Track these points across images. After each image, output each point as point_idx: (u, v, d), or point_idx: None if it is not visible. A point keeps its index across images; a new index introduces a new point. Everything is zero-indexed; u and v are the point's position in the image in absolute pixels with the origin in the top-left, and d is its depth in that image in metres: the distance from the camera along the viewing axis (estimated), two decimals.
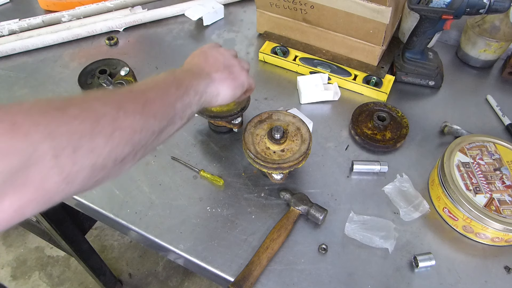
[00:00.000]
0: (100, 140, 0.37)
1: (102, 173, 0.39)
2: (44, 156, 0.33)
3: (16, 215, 0.33)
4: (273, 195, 0.74)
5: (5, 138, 0.32)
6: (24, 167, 0.32)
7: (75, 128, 0.36)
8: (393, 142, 0.81)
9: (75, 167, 0.35)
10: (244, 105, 0.77)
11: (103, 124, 0.38)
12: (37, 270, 1.74)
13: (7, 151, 0.31)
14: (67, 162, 0.35)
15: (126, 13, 1.08)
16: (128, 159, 0.42)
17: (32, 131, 0.33)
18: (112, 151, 0.39)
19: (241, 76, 0.61)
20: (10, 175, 0.31)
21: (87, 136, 0.36)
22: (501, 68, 0.98)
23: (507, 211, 0.65)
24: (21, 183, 0.32)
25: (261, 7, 0.98)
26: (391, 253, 0.67)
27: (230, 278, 0.65)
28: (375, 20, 0.84)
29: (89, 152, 0.37)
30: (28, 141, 0.32)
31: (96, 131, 0.37)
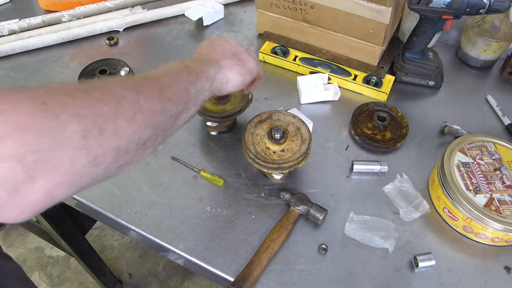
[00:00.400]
0: (122, 122, 0.38)
1: (125, 157, 0.39)
2: (72, 137, 0.33)
3: (46, 198, 0.33)
4: (273, 195, 0.74)
5: (38, 118, 0.31)
6: (54, 148, 0.32)
7: (99, 110, 0.36)
8: (393, 142, 0.81)
9: (101, 149, 0.36)
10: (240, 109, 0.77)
11: (125, 106, 0.39)
12: (37, 270, 1.74)
13: (40, 129, 0.31)
14: (94, 144, 0.35)
15: (126, 13, 1.08)
16: (149, 143, 0.42)
17: (60, 112, 0.33)
18: (134, 133, 0.39)
19: (249, 62, 0.62)
20: (41, 155, 0.31)
21: (111, 118, 0.37)
22: (501, 68, 0.98)
23: (507, 211, 0.65)
24: (51, 164, 0.32)
25: (261, 7, 0.98)
26: (391, 253, 0.67)
27: (230, 278, 0.65)
28: (375, 20, 0.84)
29: (113, 135, 0.37)
30: (57, 121, 0.32)
31: (119, 114, 0.38)
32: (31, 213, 0.34)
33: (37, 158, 0.31)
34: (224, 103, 0.77)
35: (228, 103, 0.78)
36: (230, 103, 0.78)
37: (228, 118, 0.77)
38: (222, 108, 0.77)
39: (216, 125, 0.78)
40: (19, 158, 0.30)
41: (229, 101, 0.78)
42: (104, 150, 0.36)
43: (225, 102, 0.77)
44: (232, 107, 0.77)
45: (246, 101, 0.78)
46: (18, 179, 0.31)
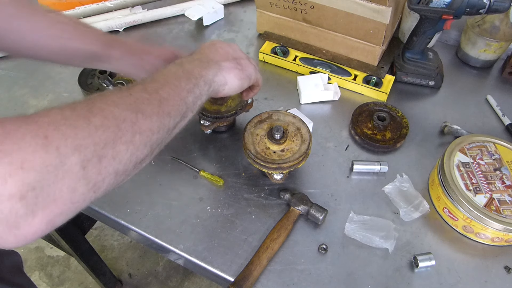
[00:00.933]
0: (121, 146, 0.39)
1: (123, 177, 0.40)
2: (72, 169, 0.34)
3: (47, 227, 0.34)
4: (273, 195, 0.74)
5: (40, 154, 0.32)
6: (54, 182, 0.33)
7: (99, 138, 0.37)
8: (393, 142, 0.81)
9: (100, 176, 0.37)
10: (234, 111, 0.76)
11: (124, 130, 0.39)
12: (37, 270, 1.74)
13: (41, 166, 0.32)
14: (93, 172, 0.36)
15: (126, 13, 1.08)
16: (146, 159, 0.44)
17: (62, 145, 0.34)
18: (132, 155, 0.40)
19: (248, 68, 0.62)
20: (42, 191, 0.32)
21: (110, 144, 0.38)
22: (501, 68, 0.98)
23: (507, 211, 0.65)
24: (51, 198, 0.33)
25: (261, 7, 0.98)
26: (391, 253, 0.67)
27: (230, 278, 0.65)
28: (375, 20, 0.84)
29: (112, 160, 0.38)
30: (59, 156, 0.33)
31: (118, 138, 0.39)
32: (31, 240, 0.35)
33: (38, 194, 0.32)
34: (220, 104, 0.77)
35: (225, 105, 0.77)
36: (226, 105, 0.77)
37: (221, 119, 0.76)
38: (217, 108, 0.77)
39: (208, 124, 0.78)
40: (21, 196, 0.31)
41: (226, 103, 0.78)
42: (103, 177, 0.37)
43: (222, 103, 0.77)
44: (226, 108, 0.77)
45: (243, 104, 0.77)
46: (19, 215, 0.32)
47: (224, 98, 0.77)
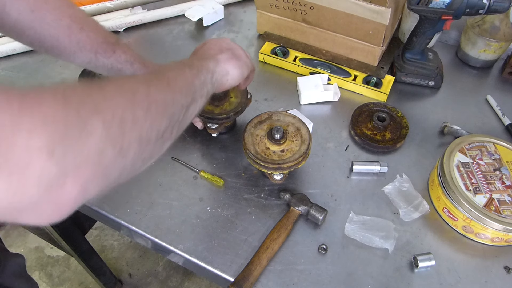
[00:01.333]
0: (140, 112, 0.39)
1: (148, 149, 0.40)
2: (95, 130, 0.33)
3: (80, 193, 0.33)
4: (273, 195, 0.74)
5: (61, 112, 0.31)
6: (80, 140, 0.32)
7: (116, 102, 0.37)
8: (393, 143, 0.81)
9: (125, 139, 0.36)
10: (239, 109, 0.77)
11: (139, 98, 0.40)
12: (37, 270, 1.74)
13: (64, 123, 0.31)
14: (117, 134, 0.36)
15: (126, 14, 1.08)
16: (167, 134, 0.44)
17: (80, 108, 0.33)
18: (152, 123, 0.40)
19: (243, 56, 0.65)
20: (69, 148, 0.31)
21: (128, 109, 0.38)
22: (501, 68, 0.98)
23: (506, 211, 0.65)
24: (81, 157, 0.32)
25: (261, 8, 0.98)
26: (391, 253, 0.67)
27: (230, 278, 0.65)
28: (375, 21, 0.84)
29: (133, 124, 0.38)
30: (79, 116, 0.33)
31: (135, 104, 0.39)
32: (66, 210, 0.33)
33: (66, 151, 0.31)
34: (223, 104, 0.77)
35: (227, 104, 0.78)
36: (229, 104, 0.78)
37: (228, 119, 0.77)
38: (222, 109, 0.77)
39: (216, 126, 0.78)
40: (48, 151, 0.30)
41: (228, 102, 0.78)
42: (128, 140, 0.37)
43: (224, 103, 0.77)
44: (231, 107, 0.77)
45: (245, 101, 0.78)
46: (52, 174, 0.30)
47: (226, 97, 0.77)
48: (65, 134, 0.31)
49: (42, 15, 0.60)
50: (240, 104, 0.77)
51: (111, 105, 0.36)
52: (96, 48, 0.65)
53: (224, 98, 0.77)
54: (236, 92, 0.79)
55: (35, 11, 0.59)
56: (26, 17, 0.59)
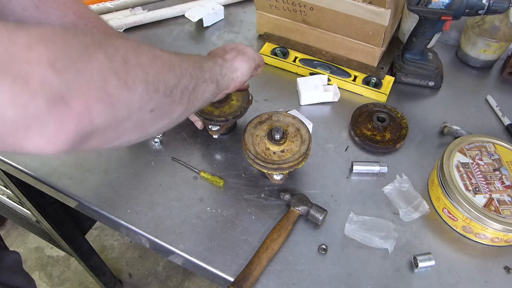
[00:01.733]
0: (144, 58, 0.39)
1: (156, 98, 0.40)
2: (97, 55, 0.33)
3: (84, 113, 0.32)
4: (273, 195, 0.74)
5: (60, 33, 0.32)
6: (81, 60, 0.32)
7: (119, 43, 0.37)
8: (393, 143, 0.81)
9: (129, 75, 0.36)
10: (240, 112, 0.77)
11: (143, 50, 0.40)
12: (37, 270, 1.74)
13: (64, 42, 0.31)
14: (120, 68, 0.35)
15: (127, 14, 1.08)
16: (176, 94, 0.43)
17: (80, 35, 0.33)
18: (158, 73, 0.40)
19: (248, 51, 0.67)
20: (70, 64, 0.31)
21: (132, 52, 0.38)
22: (501, 68, 0.98)
23: (506, 211, 0.65)
24: (83, 77, 0.32)
25: (261, 9, 0.98)
26: (391, 254, 0.67)
27: (230, 278, 0.65)
28: (375, 22, 0.84)
29: (138, 66, 0.38)
30: (80, 41, 0.33)
31: (140, 51, 0.39)
32: (70, 132, 0.32)
33: (67, 66, 0.31)
34: (223, 106, 0.77)
35: (227, 107, 0.77)
36: (229, 106, 0.78)
37: (226, 122, 0.76)
38: (221, 111, 0.77)
39: (217, 128, 0.78)
40: (50, 63, 0.29)
41: (229, 105, 0.78)
42: (132, 77, 0.36)
43: (225, 106, 0.77)
44: (233, 109, 0.77)
45: (247, 103, 0.78)
46: (54, 87, 0.30)
47: (228, 99, 0.77)
48: (65, 52, 0.31)
49: (47, 11, 0.60)
50: (240, 108, 0.77)
51: (114, 45, 0.36)
52: None
53: (225, 101, 0.77)
54: (238, 95, 0.79)
55: (40, 7, 0.59)
56: (31, 13, 0.59)
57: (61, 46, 0.31)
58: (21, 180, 0.85)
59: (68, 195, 0.76)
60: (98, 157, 0.80)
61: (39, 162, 0.79)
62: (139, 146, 0.81)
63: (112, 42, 0.36)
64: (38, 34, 0.30)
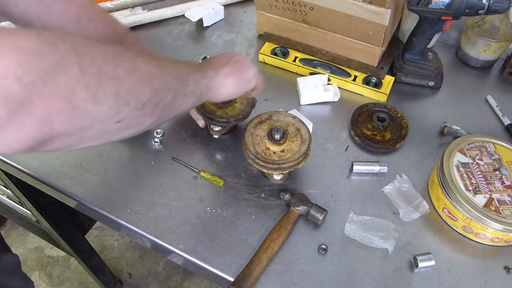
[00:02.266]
0: (121, 71, 0.39)
1: (125, 111, 0.40)
2: (71, 66, 0.34)
3: (45, 122, 0.34)
4: (273, 195, 0.74)
5: (34, 41, 0.32)
6: (51, 72, 0.33)
7: (98, 54, 0.37)
8: (393, 143, 0.81)
9: (100, 88, 0.36)
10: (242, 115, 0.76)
11: (123, 61, 0.40)
12: (37, 270, 1.74)
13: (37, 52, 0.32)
14: (92, 80, 0.36)
15: (127, 14, 1.08)
16: (148, 108, 0.43)
17: (58, 42, 0.34)
18: (133, 86, 0.40)
19: (248, 72, 0.63)
20: (39, 77, 0.32)
21: (109, 64, 0.38)
22: (501, 68, 0.98)
23: (506, 211, 0.65)
24: (49, 88, 0.33)
25: (261, 8, 0.98)
26: (391, 253, 0.67)
27: (230, 278, 0.65)
28: (375, 22, 0.84)
29: (113, 80, 0.38)
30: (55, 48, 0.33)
31: (118, 64, 0.39)
32: (29, 138, 0.34)
33: (35, 80, 0.32)
34: (226, 107, 0.77)
35: (230, 108, 0.77)
36: (232, 108, 0.77)
37: (227, 123, 0.76)
38: (224, 112, 0.77)
39: (219, 128, 0.78)
40: (16, 77, 0.31)
41: (232, 107, 0.78)
42: (103, 91, 0.37)
43: (228, 107, 0.77)
44: (236, 112, 0.77)
45: (250, 107, 0.78)
46: (17, 98, 0.31)
47: (230, 102, 0.77)
48: (36, 64, 0.32)
49: (50, 5, 0.60)
50: (243, 111, 0.77)
51: (91, 54, 0.36)
52: (103, 40, 0.64)
53: (229, 102, 0.77)
54: (243, 98, 0.79)
55: (43, 1, 0.59)
56: (34, 8, 0.59)
57: (32, 58, 0.32)
58: (21, 180, 0.85)
59: (68, 195, 0.76)
60: (98, 157, 0.80)
61: (39, 162, 0.79)
62: (139, 146, 0.82)
63: (91, 50, 0.36)
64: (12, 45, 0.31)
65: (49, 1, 0.60)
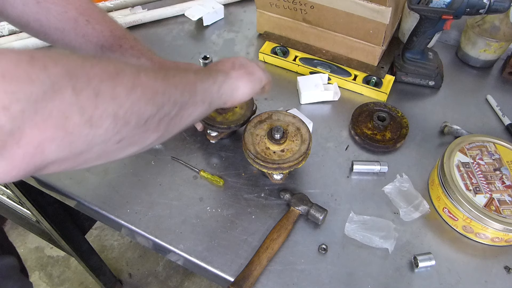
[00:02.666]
0: (121, 89, 0.37)
1: (125, 131, 0.38)
2: (63, 90, 0.32)
3: (36, 152, 0.32)
4: (273, 195, 0.74)
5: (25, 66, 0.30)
6: (43, 98, 0.31)
7: (94, 73, 0.35)
8: (393, 142, 0.81)
9: (97, 111, 0.34)
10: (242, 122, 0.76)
11: (123, 77, 0.38)
12: (37, 270, 1.74)
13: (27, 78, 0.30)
14: (88, 103, 0.33)
15: (126, 13, 1.08)
16: (152, 124, 0.41)
17: (50, 66, 0.32)
18: (134, 104, 0.38)
19: (258, 71, 0.63)
20: (29, 105, 0.30)
21: (108, 82, 0.36)
22: (501, 68, 0.98)
23: (507, 211, 0.65)
24: (41, 116, 0.31)
25: (261, 7, 0.98)
26: (391, 253, 0.67)
27: (230, 278, 0.65)
28: (375, 20, 0.84)
29: (111, 100, 0.36)
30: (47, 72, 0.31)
31: (117, 81, 0.37)
32: (21, 169, 0.32)
33: (24, 108, 0.30)
34: (226, 113, 0.77)
35: (231, 114, 0.77)
36: (232, 114, 0.77)
37: (228, 129, 0.76)
38: (224, 118, 0.76)
39: (215, 134, 0.78)
40: (3, 107, 0.29)
41: (232, 112, 0.77)
42: (100, 112, 0.35)
43: (228, 112, 0.77)
44: (236, 117, 0.76)
45: (251, 111, 0.77)
46: (5, 130, 0.29)
47: (231, 107, 0.77)
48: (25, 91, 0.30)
49: (48, 7, 0.59)
50: (243, 116, 0.76)
51: (88, 74, 0.34)
52: (102, 42, 0.64)
53: (229, 107, 0.77)
54: (242, 103, 0.78)
55: (40, 2, 0.58)
56: (31, 9, 0.58)
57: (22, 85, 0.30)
58: (21, 180, 0.85)
59: (68, 195, 0.76)
60: None
61: None
62: None
63: (86, 71, 0.34)
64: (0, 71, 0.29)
65: (47, 2, 0.59)
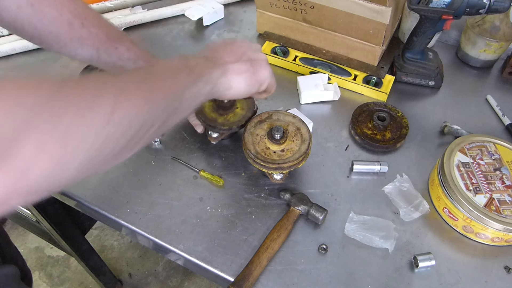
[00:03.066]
0: (98, 120, 0.36)
1: (98, 161, 0.38)
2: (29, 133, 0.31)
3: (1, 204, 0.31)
4: (273, 195, 0.74)
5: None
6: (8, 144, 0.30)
7: (64, 110, 0.34)
8: (393, 142, 0.81)
9: (67, 150, 0.33)
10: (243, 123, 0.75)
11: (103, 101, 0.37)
12: (37, 270, 1.74)
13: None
14: (54, 145, 0.33)
15: (126, 13, 1.08)
16: (127, 147, 0.41)
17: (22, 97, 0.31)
18: (110, 136, 0.37)
19: (262, 73, 0.60)
20: None
21: (83, 115, 0.35)
22: (501, 68, 0.98)
23: (507, 211, 0.65)
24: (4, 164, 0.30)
25: (261, 7, 0.98)
26: (391, 253, 0.67)
27: (230, 278, 0.65)
28: (375, 20, 0.84)
29: (82, 137, 0.35)
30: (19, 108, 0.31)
31: (94, 111, 0.36)
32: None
33: None
34: (227, 114, 0.77)
35: (232, 115, 0.77)
36: (233, 115, 0.77)
37: (230, 130, 0.76)
38: (225, 119, 0.76)
39: (216, 135, 0.78)
40: None
41: (233, 113, 0.77)
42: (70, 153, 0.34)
43: (229, 113, 0.77)
44: (237, 118, 0.76)
45: (251, 112, 0.77)
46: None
47: (232, 107, 0.77)
48: None
49: (42, 10, 0.58)
50: (244, 117, 0.76)
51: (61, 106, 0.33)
52: (97, 45, 0.63)
53: (230, 108, 0.76)
54: (243, 103, 0.78)
55: (34, 5, 0.57)
56: (25, 12, 0.57)
57: None
58: None
59: (68, 195, 0.76)
60: None
61: None
62: None
63: (60, 103, 0.33)
64: None
65: (41, 5, 0.58)
